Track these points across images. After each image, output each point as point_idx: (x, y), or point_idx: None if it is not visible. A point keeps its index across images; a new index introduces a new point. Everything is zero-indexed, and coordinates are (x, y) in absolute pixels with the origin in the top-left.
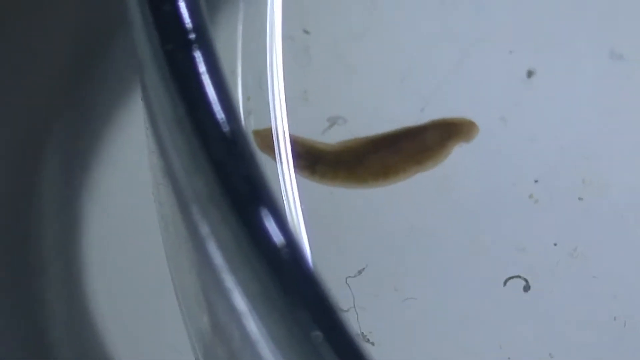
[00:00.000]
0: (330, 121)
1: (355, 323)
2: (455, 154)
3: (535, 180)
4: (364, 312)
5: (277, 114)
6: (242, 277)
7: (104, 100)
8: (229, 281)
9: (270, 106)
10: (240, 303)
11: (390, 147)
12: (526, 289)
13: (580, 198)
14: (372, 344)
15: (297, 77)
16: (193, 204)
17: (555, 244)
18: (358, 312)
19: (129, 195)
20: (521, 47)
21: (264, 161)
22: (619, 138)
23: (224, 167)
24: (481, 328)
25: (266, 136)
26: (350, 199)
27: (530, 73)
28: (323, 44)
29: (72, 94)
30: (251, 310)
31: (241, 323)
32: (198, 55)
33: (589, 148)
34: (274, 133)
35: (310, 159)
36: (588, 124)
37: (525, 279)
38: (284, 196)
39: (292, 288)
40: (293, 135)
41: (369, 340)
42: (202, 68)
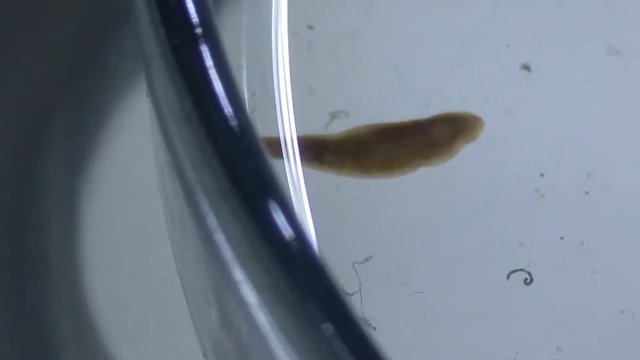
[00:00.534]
0: (332, 115)
1: (358, 307)
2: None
3: (541, 174)
4: (369, 298)
5: (283, 108)
6: (252, 271)
7: (103, 96)
8: (238, 275)
9: (276, 101)
10: (250, 296)
11: (397, 140)
12: (529, 282)
13: (586, 192)
14: (374, 328)
15: (301, 72)
16: (201, 198)
17: (562, 237)
18: (363, 297)
19: (129, 193)
20: (521, 42)
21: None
22: (623, 132)
23: (232, 161)
24: (487, 322)
25: (277, 144)
26: (357, 192)
27: (530, 67)
28: (327, 39)
29: (73, 90)
30: (260, 304)
31: (250, 316)
32: (205, 49)
33: (593, 142)
34: (280, 130)
35: (316, 149)
36: (591, 118)
37: (529, 273)
38: (292, 189)
39: (302, 281)
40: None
41: (370, 324)
42: (209, 62)
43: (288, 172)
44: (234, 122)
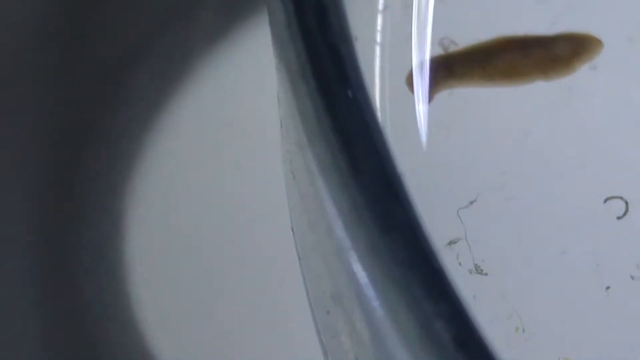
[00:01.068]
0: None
1: (467, 254)
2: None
3: None
4: (476, 244)
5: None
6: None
7: (146, 101)
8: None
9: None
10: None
11: (520, 50)
12: (624, 212)
13: None
14: (486, 274)
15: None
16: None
17: None
18: (470, 244)
19: (176, 197)
20: None
21: None
22: None
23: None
24: (579, 242)
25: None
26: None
27: None
28: None
29: (118, 89)
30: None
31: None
32: None
33: None
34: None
35: (445, 63)
36: None
37: (626, 201)
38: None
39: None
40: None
41: (482, 271)
42: None
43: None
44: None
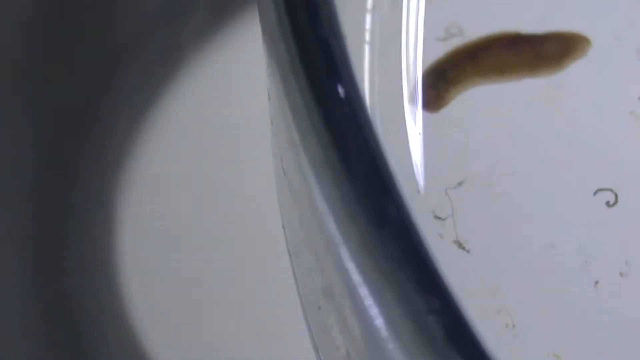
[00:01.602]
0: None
1: (452, 230)
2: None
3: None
4: (462, 221)
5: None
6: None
7: (137, 98)
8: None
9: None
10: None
11: (510, 47)
12: (613, 203)
13: None
14: (468, 251)
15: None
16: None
17: None
18: (455, 220)
19: (166, 193)
20: None
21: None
22: None
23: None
24: (567, 238)
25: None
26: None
27: None
28: None
29: (109, 89)
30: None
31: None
32: None
33: None
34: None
35: (436, 72)
36: None
37: (615, 193)
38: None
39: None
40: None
41: (464, 247)
42: None
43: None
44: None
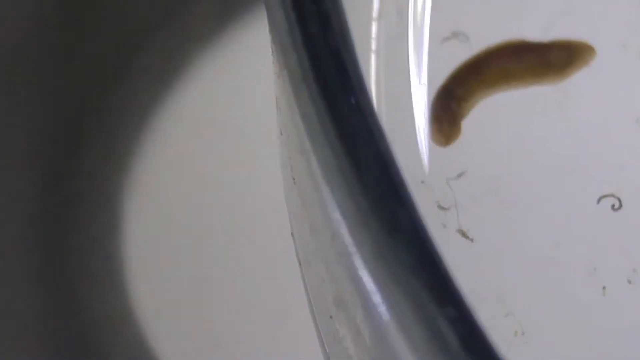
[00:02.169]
0: (453, 36)
1: (455, 220)
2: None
3: None
4: (464, 211)
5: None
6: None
7: (143, 98)
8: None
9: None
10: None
11: (515, 55)
12: (617, 207)
13: None
14: (471, 240)
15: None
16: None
17: None
18: (458, 210)
19: (171, 191)
20: None
21: None
22: None
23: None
24: (573, 240)
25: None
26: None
27: None
28: None
29: (113, 88)
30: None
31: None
32: None
33: None
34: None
35: (443, 94)
36: None
37: (619, 199)
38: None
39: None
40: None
41: (468, 236)
42: None
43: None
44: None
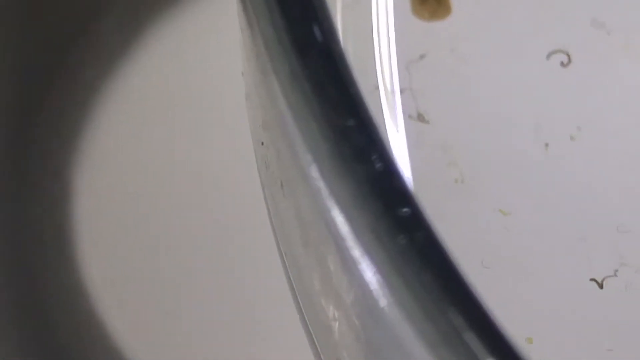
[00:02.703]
0: None
1: (412, 102)
2: None
3: None
4: (420, 94)
5: None
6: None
7: (97, 65)
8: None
9: None
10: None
11: None
12: (566, 63)
13: None
14: (427, 122)
15: None
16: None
17: None
18: (414, 94)
19: (121, 161)
20: None
21: None
22: None
23: None
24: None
25: None
26: None
27: None
28: None
29: (66, 58)
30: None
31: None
32: None
33: None
34: None
35: None
36: None
37: (568, 54)
38: None
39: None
40: None
41: (424, 118)
42: None
43: None
44: None
